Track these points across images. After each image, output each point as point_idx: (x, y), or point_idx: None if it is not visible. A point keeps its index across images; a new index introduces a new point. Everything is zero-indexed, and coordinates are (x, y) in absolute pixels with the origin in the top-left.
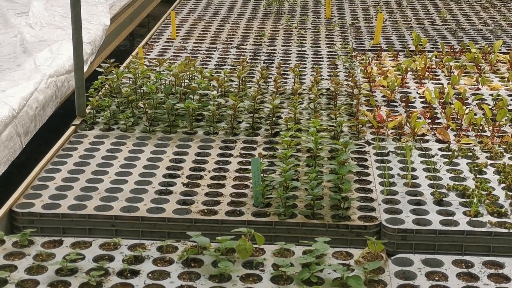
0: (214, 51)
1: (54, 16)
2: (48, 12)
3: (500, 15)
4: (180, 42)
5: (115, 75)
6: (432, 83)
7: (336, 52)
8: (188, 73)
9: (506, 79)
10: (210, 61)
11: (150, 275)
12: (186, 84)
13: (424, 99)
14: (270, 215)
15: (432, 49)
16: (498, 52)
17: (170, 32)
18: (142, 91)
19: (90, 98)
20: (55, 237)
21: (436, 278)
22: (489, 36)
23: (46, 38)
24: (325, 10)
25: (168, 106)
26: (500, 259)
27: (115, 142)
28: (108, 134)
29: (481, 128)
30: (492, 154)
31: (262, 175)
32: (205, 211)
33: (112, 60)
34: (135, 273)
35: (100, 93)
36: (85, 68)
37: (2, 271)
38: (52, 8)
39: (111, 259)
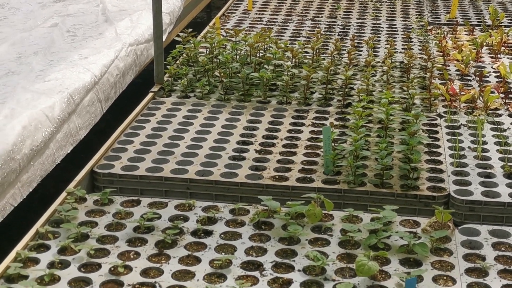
0: (290, 23)
1: None
2: None
3: None
4: (256, 14)
5: (192, 45)
6: (508, 58)
7: (411, 25)
8: (263, 43)
9: None
10: (285, 32)
11: (222, 235)
12: (261, 54)
13: (498, 74)
14: (339, 183)
15: (509, 24)
16: None
17: (247, 4)
18: (218, 60)
19: (168, 67)
20: (133, 197)
21: (503, 249)
22: None
23: (126, 8)
24: None
25: (243, 75)
26: None
27: (191, 109)
28: (184, 101)
29: None
30: None
31: (333, 144)
32: (276, 177)
33: (190, 30)
34: (208, 233)
35: (177, 61)
36: (164, 38)
37: (84, 226)
38: None
39: (185, 219)
